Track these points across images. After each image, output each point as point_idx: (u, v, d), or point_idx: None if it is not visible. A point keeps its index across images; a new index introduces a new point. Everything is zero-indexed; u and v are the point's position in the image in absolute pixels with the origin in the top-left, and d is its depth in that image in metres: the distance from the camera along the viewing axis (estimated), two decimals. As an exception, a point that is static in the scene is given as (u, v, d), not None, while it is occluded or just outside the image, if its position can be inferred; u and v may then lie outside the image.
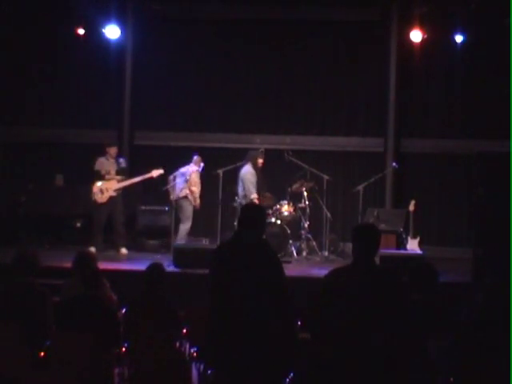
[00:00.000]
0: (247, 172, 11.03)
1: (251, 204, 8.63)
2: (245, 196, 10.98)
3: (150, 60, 13.18)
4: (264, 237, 5.41)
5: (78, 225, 12.36)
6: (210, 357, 5.18)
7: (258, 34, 13.31)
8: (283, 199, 11.69)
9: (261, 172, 11.20)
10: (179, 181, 11.27)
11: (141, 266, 7.79)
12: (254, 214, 5.10)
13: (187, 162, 11.93)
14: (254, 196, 10.89)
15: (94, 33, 12.36)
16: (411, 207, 11.39)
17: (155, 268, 6.51)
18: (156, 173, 11.11)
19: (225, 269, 4.94)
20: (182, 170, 11.34)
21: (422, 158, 13.07)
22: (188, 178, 11.22)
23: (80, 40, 12.39)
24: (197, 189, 11.26)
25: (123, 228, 11.28)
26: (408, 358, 4.79)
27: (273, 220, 11.30)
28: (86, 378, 5.38)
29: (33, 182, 12.44)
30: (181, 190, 11.22)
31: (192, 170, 11.32)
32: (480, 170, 9.96)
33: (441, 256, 11.17)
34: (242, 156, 12.12)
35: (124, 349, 5.74)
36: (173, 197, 11.33)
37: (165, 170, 11.33)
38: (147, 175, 11.14)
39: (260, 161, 11.15)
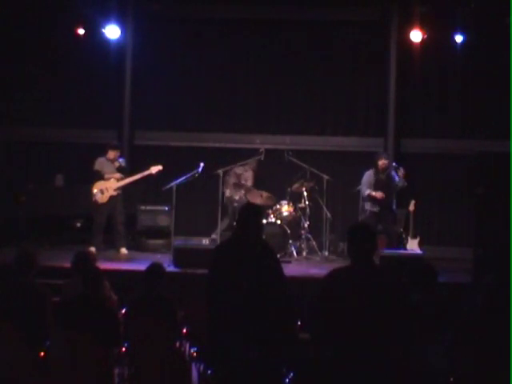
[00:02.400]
0: (365, 174, 11.06)
1: (249, 204, 8.58)
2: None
3: (150, 60, 13.17)
4: (264, 237, 5.43)
5: (78, 225, 12.36)
6: (209, 357, 5.19)
7: (258, 34, 13.30)
8: (283, 199, 11.70)
9: (384, 174, 10.99)
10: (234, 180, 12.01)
11: (141, 266, 7.79)
12: (252, 214, 5.11)
13: (187, 162, 11.95)
14: (366, 192, 10.90)
15: (94, 33, 12.34)
16: (411, 207, 11.40)
17: (155, 268, 6.52)
18: (155, 169, 11.10)
19: (224, 268, 4.95)
20: (237, 171, 11.97)
21: (422, 158, 13.07)
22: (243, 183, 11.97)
23: (80, 40, 12.39)
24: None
25: (123, 228, 11.27)
26: (408, 358, 4.79)
27: (273, 220, 11.31)
28: (85, 378, 5.38)
29: (33, 182, 12.43)
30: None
31: (248, 174, 12.05)
32: (480, 169, 9.96)
33: (441, 256, 11.17)
34: (242, 156, 12.13)
35: (124, 349, 5.74)
36: (228, 194, 11.94)
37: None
38: (146, 172, 11.14)
39: (380, 162, 10.98)
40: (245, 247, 4.97)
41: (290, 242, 11.38)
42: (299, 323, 6.34)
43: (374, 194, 10.81)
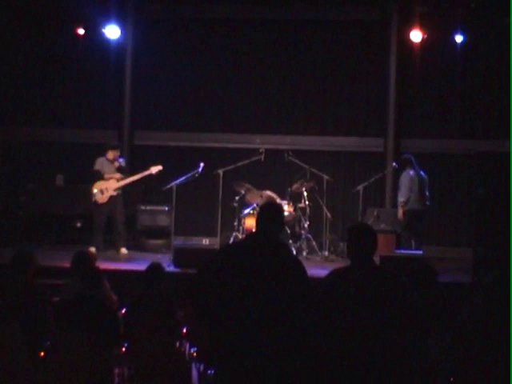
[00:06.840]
0: (403, 176, 11.14)
1: (271, 203, 7.52)
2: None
3: (150, 60, 13.18)
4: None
5: (78, 225, 12.36)
6: (210, 357, 5.14)
7: (258, 34, 13.31)
8: (283, 199, 11.70)
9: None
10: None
11: (141, 266, 7.79)
12: (275, 213, 4.68)
13: (187, 162, 11.95)
14: (400, 200, 11.02)
15: (94, 33, 12.36)
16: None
17: (155, 268, 6.52)
18: (155, 169, 11.10)
19: (236, 271, 4.49)
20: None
21: (422, 158, 13.06)
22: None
23: (80, 40, 12.40)
24: None
25: (123, 228, 11.27)
26: (408, 357, 4.78)
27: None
28: (86, 378, 5.38)
29: (33, 182, 12.44)
30: None
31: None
32: (480, 170, 9.96)
33: (441, 256, 11.17)
34: (242, 156, 12.12)
35: (124, 349, 5.74)
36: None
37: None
38: (146, 172, 11.14)
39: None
40: (264, 248, 4.62)
41: (290, 241, 11.38)
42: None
43: (400, 208, 11.01)
